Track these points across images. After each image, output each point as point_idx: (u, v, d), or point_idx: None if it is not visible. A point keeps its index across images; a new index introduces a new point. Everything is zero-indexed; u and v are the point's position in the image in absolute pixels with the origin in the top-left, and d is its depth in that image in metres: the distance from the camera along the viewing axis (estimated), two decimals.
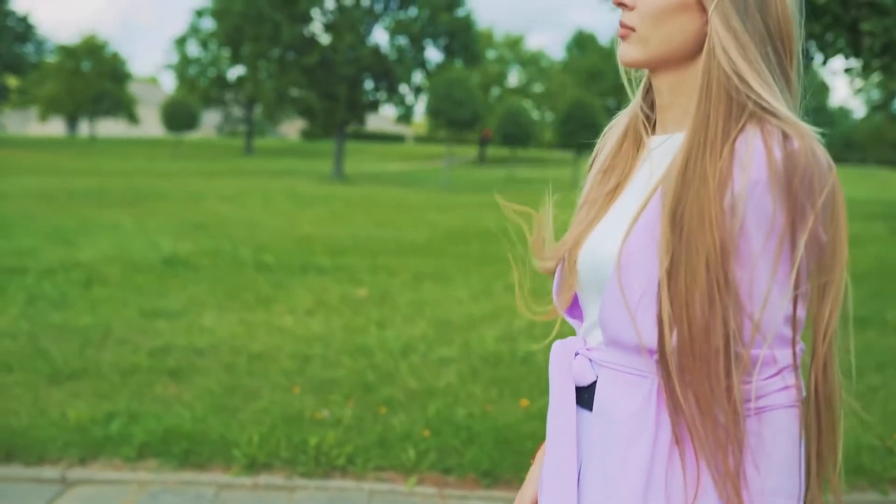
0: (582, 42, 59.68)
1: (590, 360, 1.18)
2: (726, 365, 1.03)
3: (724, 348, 1.02)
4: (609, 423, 1.12)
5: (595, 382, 1.16)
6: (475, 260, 9.43)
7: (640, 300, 1.07)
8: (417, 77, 33.79)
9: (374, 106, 33.75)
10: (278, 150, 53.94)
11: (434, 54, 43.24)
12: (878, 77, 7.07)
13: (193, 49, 54.60)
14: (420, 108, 38.67)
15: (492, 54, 59.00)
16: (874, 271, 9.88)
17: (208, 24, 50.67)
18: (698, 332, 1.02)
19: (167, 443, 3.55)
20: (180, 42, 54.58)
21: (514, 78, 61.97)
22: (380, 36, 79.06)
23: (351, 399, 4.19)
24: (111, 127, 67.94)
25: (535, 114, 56.03)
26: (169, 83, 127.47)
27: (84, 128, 66.50)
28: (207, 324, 5.73)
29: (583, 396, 1.19)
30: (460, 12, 33.37)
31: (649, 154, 1.19)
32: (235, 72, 50.97)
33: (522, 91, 60.29)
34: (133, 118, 58.07)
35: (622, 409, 1.11)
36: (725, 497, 1.03)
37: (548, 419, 1.23)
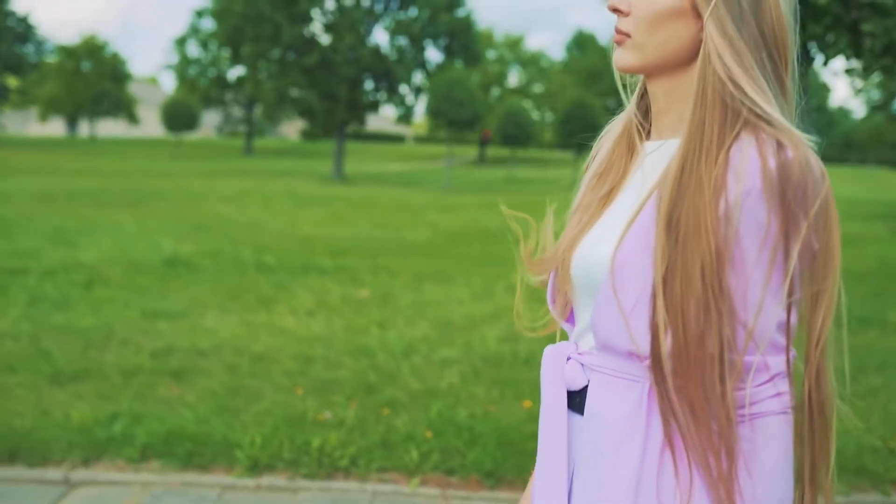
0: (582, 42, 59.70)
1: (581, 365, 1.18)
2: (720, 371, 1.03)
3: (719, 355, 1.03)
4: (600, 427, 1.13)
5: (587, 387, 1.17)
6: (476, 260, 9.44)
7: (634, 305, 1.07)
8: (417, 77, 33.80)
9: (375, 106, 33.75)
10: (278, 151, 53.95)
11: (434, 55, 43.29)
12: (879, 77, 7.08)
13: (193, 49, 54.65)
14: (420, 109, 38.65)
15: (492, 54, 59.01)
16: (875, 272, 9.89)
17: (208, 25, 50.71)
18: (693, 339, 1.03)
19: (170, 444, 3.56)
20: (180, 42, 54.60)
21: (514, 78, 62.00)
22: (380, 36, 79.20)
23: (353, 400, 4.20)
24: (111, 127, 67.96)
25: (535, 114, 56.03)
26: (169, 83, 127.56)
27: (84, 128, 66.51)
28: (209, 325, 5.73)
29: (574, 401, 1.20)
30: (460, 13, 33.37)
31: (644, 159, 1.20)
32: (235, 72, 51.02)
33: (522, 91, 60.29)
34: (133, 118, 58.09)
35: (613, 414, 1.11)
36: (718, 501, 1.04)
37: (539, 424, 1.24)
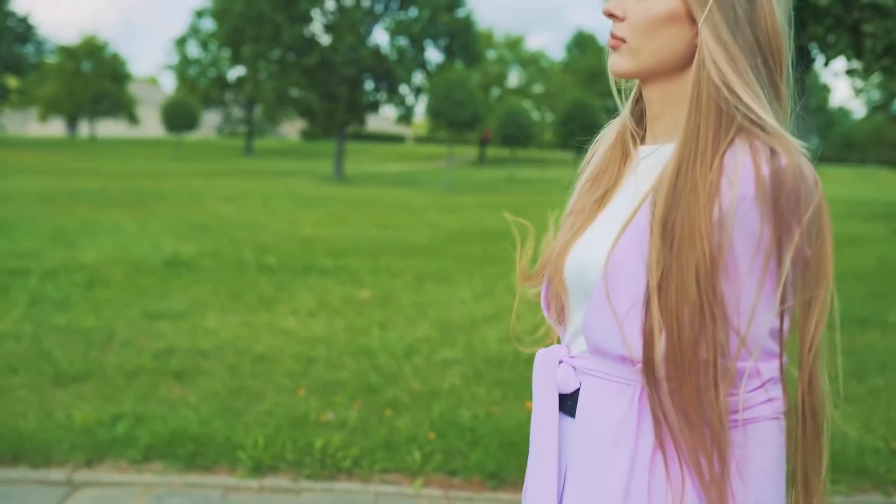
0: (582, 42, 59.71)
1: (573, 368, 1.19)
2: (713, 377, 1.04)
3: (712, 360, 1.04)
4: (591, 430, 1.14)
5: (578, 390, 1.18)
6: (477, 260, 9.45)
7: (628, 310, 1.08)
8: (418, 78, 33.78)
9: (375, 106, 33.74)
10: (278, 151, 53.95)
11: (434, 55, 43.30)
12: (879, 78, 7.09)
13: (193, 50, 54.64)
14: (420, 109, 38.64)
15: (492, 55, 58.98)
16: (875, 272, 9.90)
17: (208, 25, 50.73)
18: (687, 344, 1.04)
19: (173, 445, 3.56)
20: (180, 43, 54.59)
21: (514, 78, 61.97)
22: (380, 36, 79.21)
23: (355, 401, 4.20)
24: (111, 127, 67.96)
25: (535, 114, 56.01)
26: (169, 84, 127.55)
27: (84, 128, 66.52)
28: (211, 325, 5.74)
29: (566, 404, 1.21)
30: (460, 13, 33.35)
31: (638, 164, 1.21)
32: (235, 72, 51.02)
33: (522, 91, 60.27)
34: (133, 119, 58.08)
35: (605, 417, 1.12)
36: None
37: (531, 426, 1.25)
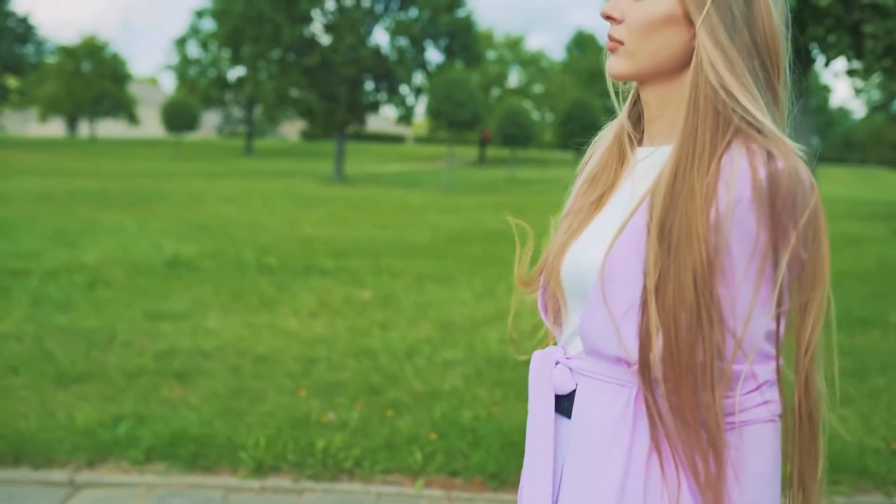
0: (582, 42, 59.71)
1: (570, 370, 1.20)
2: (710, 379, 1.05)
3: (709, 363, 1.05)
4: (587, 431, 1.14)
5: (574, 391, 1.18)
6: (477, 261, 9.45)
7: (624, 311, 1.09)
8: (418, 78, 33.77)
9: (375, 107, 33.72)
10: (278, 151, 53.95)
11: (434, 55, 43.33)
12: (879, 78, 7.09)
13: (193, 50, 54.64)
14: (420, 109, 38.64)
15: (492, 55, 58.99)
16: (875, 272, 9.90)
17: (208, 25, 50.72)
18: (684, 346, 1.04)
19: (174, 446, 3.56)
20: (180, 43, 54.59)
21: (515, 78, 61.96)
22: (380, 37, 79.22)
23: (357, 401, 4.21)
24: (111, 127, 67.96)
25: (536, 114, 56.01)
26: (169, 84, 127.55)
27: (84, 128, 66.51)
28: (212, 326, 5.74)
29: (562, 405, 1.21)
30: (461, 13, 33.34)
31: (635, 165, 1.21)
32: (236, 72, 51.01)
33: (522, 92, 60.26)
34: (133, 119, 58.08)
35: (601, 418, 1.13)
36: None
37: (527, 427, 1.26)
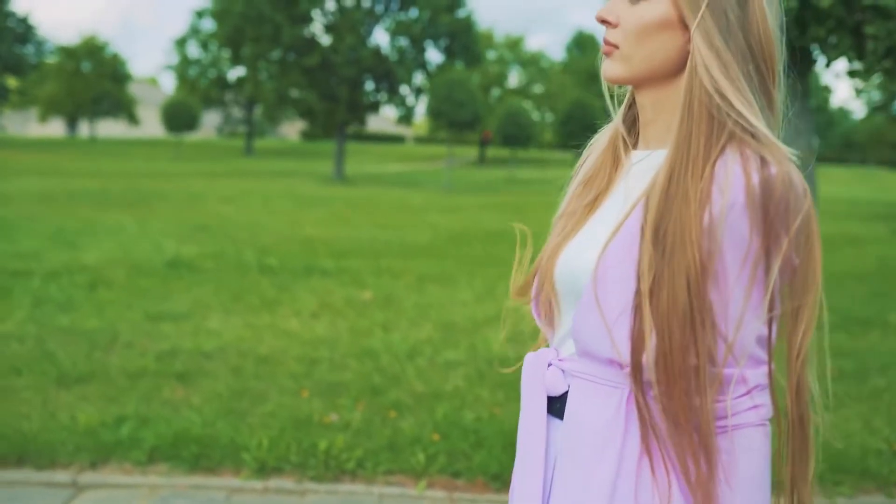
0: (582, 42, 59.68)
1: (562, 371, 1.20)
2: (701, 383, 1.06)
3: (701, 367, 1.05)
4: (579, 433, 1.15)
5: (567, 392, 1.19)
6: (478, 261, 9.45)
7: (617, 314, 1.09)
8: (418, 78, 33.77)
9: (375, 107, 33.73)
10: (278, 151, 53.96)
11: (435, 55, 43.30)
12: (879, 78, 7.10)
13: (194, 50, 54.65)
14: (421, 110, 38.65)
15: (492, 55, 59.00)
16: (876, 273, 9.90)
17: (208, 25, 50.74)
18: (677, 350, 1.05)
19: (177, 447, 3.57)
20: (180, 43, 54.60)
21: (515, 79, 61.99)
22: (380, 37, 79.23)
23: (359, 402, 4.21)
24: (111, 128, 67.96)
25: (536, 115, 56.03)
26: (169, 84, 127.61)
27: (84, 128, 66.51)
28: (213, 327, 5.74)
29: (555, 406, 1.22)
30: (461, 13, 33.34)
31: (630, 169, 1.22)
32: (236, 73, 51.02)
33: (522, 92, 60.27)
34: (133, 119, 58.08)
35: (593, 419, 1.13)
36: None
37: (518, 428, 1.26)
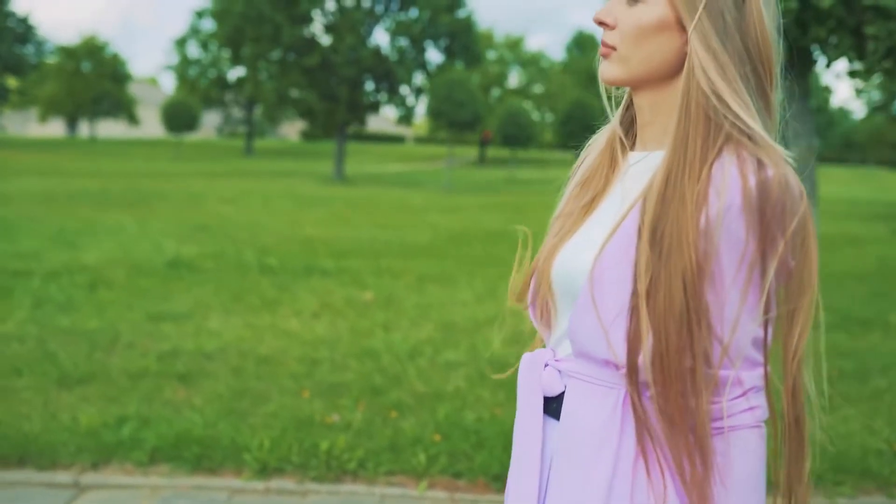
0: (582, 43, 59.68)
1: (559, 372, 1.20)
2: (697, 384, 1.06)
3: (697, 368, 1.06)
4: (576, 433, 1.15)
5: (563, 393, 1.19)
6: (479, 261, 9.45)
7: (613, 314, 1.10)
8: (418, 78, 33.77)
9: (375, 107, 33.73)
10: (278, 151, 53.96)
11: (435, 55, 43.26)
12: (879, 78, 7.11)
13: (193, 50, 54.65)
14: (421, 110, 38.68)
15: (492, 55, 59.00)
16: (876, 273, 9.91)
17: (208, 25, 50.74)
18: (672, 351, 1.05)
19: (179, 447, 3.57)
20: (180, 43, 54.60)
21: (515, 79, 62.00)
22: (380, 37, 79.24)
23: (360, 403, 4.21)
24: (111, 128, 67.95)
25: (536, 115, 56.04)
26: (169, 84, 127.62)
27: (84, 129, 66.51)
28: (214, 327, 5.74)
29: (551, 406, 1.22)
30: (461, 13, 33.34)
31: (627, 170, 1.22)
32: (236, 73, 51.03)
33: (523, 92, 60.27)
34: (133, 119, 58.08)
35: (589, 420, 1.14)
36: None
37: (514, 428, 1.27)
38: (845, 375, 4.99)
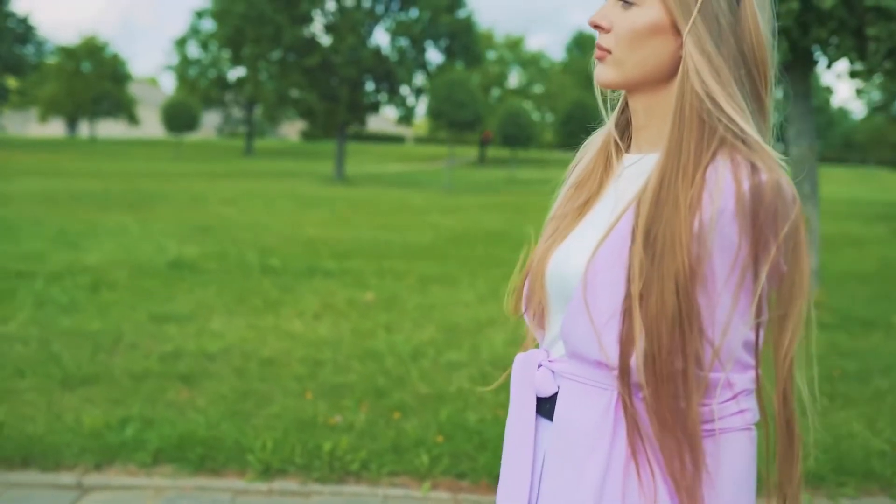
0: (582, 43, 59.71)
1: (552, 372, 1.21)
2: (688, 386, 1.07)
3: (687, 370, 1.06)
4: (569, 434, 1.16)
5: (556, 394, 1.20)
6: (480, 262, 9.46)
7: (606, 317, 1.10)
8: (418, 78, 33.80)
9: (375, 107, 33.76)
10: (279, 151, 53.97)
11: (435, 56, 43.25)
12: (880, 79, 7.11)
13: (194, 50, 54.69)
14: (421, 110, 38.67)
15: (492, 55, 59.02)
16: (877, 273, 9.91)
17: (208, 26, 50.75)
18: (664, 353, 1.06)
19: (182, 448, 3.57)
20: (180, 43, 54.64)
21: (515, 79, 62.01)
22: (381, 37, 79.33)
23: (363, 404, 4.22)
24: (111, 128, 67.98)
25: (536, 115, 56.05)
26: (169, 84, 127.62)
27: (84, 129, 66.53)
28: (217, 328, 5.75)
29: (544, 407, 1.22)
30: (461, 13, 33.38)
31: (622, 172, 1.22)
32: (236, 73, 51.04)
33: (523, 92, 60.29)
34: (133, 119, 58.09)
35: (582, 421, 1.14)
36: None
37: (506, 429, 1.27)
38: (847, 376, 5.00)
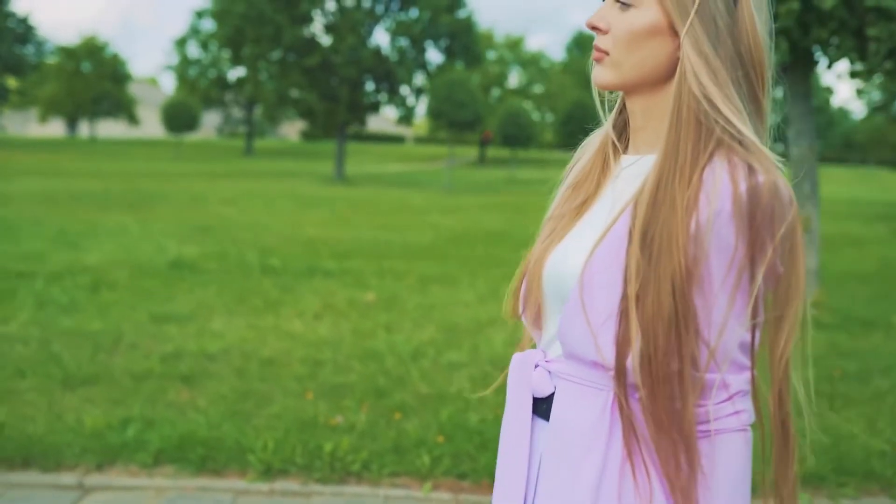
0: (582, 43, 59.70)
1: (549, 373, 1.21)
2: (684, 387, 1.07)
3: (683, 371, 1.07)
4: (565, 434, 1.16)
5: (553, 394, 1.20)
6: (480, 262, 9.46)
7: (603, 318, 1.10)
8: (418, 78, 33.80)
9: (375, 107, 33.76)
10: (279, 151, 53.96)
11: (435, 56, 43.25)
12: (880, 79, 7.11)
13: (194, 50, 54.69)
14: (421, 110, 38.68)
15: (492, 55, 59.03)
16: (878, 274, 9.91)
17: (208, 26, 50.76)
18: (660, 354, 1.06)
19: (183, 449, 3.57)
20: (180, 43, 54.65)
21: (515, 79, 62.01)
22: (381, 37, 79.34)
23: (364, 404, 4.22)
24: (111, 128, 67.99)
25: (536, 115, 56.06)
26: (169, 84, 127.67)
27: (84, 129, 66.53)
28: (217, 328, 5.75)
29: (541, 407, 1.22)
30: (461, 14, 33.38)
31: (619, 173, 1.23)
32: (236, 73, 51.04)
33: (523, 92, 60.30)
34: (133, 119, 58.10)
35: (578, 421, 1.14)
36: None
37: (502, 428, 1.27)
38: (847, 376, 5.00)
